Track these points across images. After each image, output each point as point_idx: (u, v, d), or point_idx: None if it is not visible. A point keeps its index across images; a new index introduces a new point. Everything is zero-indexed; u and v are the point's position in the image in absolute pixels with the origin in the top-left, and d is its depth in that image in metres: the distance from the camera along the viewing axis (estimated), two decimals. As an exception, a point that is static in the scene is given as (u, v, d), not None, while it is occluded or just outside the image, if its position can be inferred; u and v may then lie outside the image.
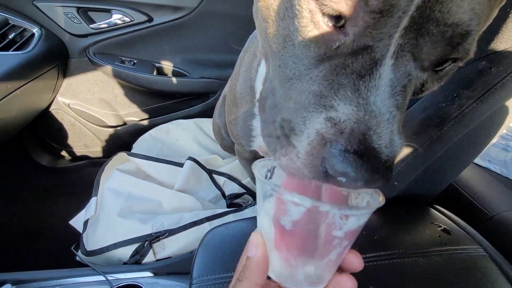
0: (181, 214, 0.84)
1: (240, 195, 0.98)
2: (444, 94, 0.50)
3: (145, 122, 1.27)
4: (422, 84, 0.27)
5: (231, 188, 1.00)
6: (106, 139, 1.31)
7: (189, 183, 0.94)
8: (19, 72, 0.88)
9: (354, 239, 0.27)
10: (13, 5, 0.99)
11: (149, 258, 0.75)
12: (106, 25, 1.06)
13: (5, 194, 1.09)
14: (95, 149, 1.34)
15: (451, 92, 0.49)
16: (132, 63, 1.14)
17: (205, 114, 1.22)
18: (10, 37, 0.94)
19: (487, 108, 0.48)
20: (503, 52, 0.45)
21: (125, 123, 1.29)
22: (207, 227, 0.80)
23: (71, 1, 1.01)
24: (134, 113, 1.26)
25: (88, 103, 1.21)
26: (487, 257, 0.52)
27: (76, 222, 0.95)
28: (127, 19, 1.05)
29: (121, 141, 1.30)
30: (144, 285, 0.66)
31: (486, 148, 0.58)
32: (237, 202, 0.97)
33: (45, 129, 1.25)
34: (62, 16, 1.03)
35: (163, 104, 1.25)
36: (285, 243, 0.26)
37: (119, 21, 1.05)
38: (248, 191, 0.99)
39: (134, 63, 1.14)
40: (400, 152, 0.24)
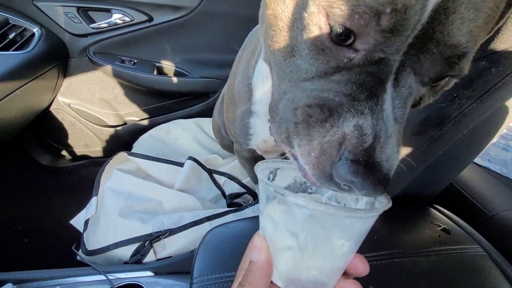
0: (182, 214, 0.84)
1: (240, 195, 0.98)
2: (444, 94, 0.50)
3: (145, 122, 1.27)
4: (420, 98, 0.28)
5: (231, 187, 1.01)
6: (106, 138, 1.31)
7: (189, 183, 0.94)
8: (19, 72, 0.88)
9: (359, 243, 0.26)
10: (13, 5, 0.99)
11: (150, 257, 0.75)
12: (106, 24, 1.06)
13: (6, 194, 1.09)
14: (96, 149, 1.34)
15: (451, 92, 0.49)
16: (132, 62, 1.14)
17: (205, 113, 1.22)
18: (10, 37, 0.94)
19: (487, 108, 0.48)
20: (503, 52, 0.45)
21: (125, 123, 1.29)
22: (207, 226, 0.80)
23: (71, 0, 1.01)
24: (134, 113, 1.26)
25: (88, 103, 1.21)
26: (487, 257, 0.53)
27: (77, 222, 0.96)
28: (127, 19, 1.05)
29: (121, 140, 1.30)
30: (144, 284, 0.66)
31: (486, 148, 0.58)
32: (237, 201, 0.97)
33: (46, 129, 1.25)
34: (62, 16, 1.03)
35: (163, 104, 1.25)
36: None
37: (119, 21, 1.05)
38: (249, 190, 0.99)
39: (134, 62, 1.14)
40: (396, 165, 0.25)
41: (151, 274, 0.70)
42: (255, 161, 0.81)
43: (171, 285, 0.67)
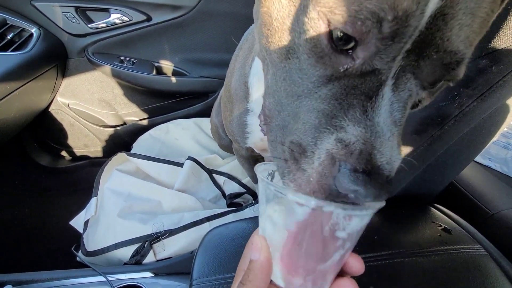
0: (181, 214, 0.84)
1: (240, 195, 0.98)
2: (444, 93, 0.50)
3: (144, 122, 1.27)
4: (419, 101, 0.29)
5: (231, 187, 1.00)
6: (105, 139, 1.31)
7: (189, 183, 0.94)
8: (18, 72, 0.88)
9: (356, 241, 0.27)
10: (11, 5, 0.99)
11: (150, 258, 0.75)
12: (105, 24, 1.05)
13: (5, 195, 1.09)
14: (95, 149, 1.34)
15: (451, 90, 0.49)
16: (131, 62, 1.13)
17: (204, 113, 1.22)
18: (8, 37, 0.93)
19: (487, 106, 0.48)
20: (503, 50, 0.44)
21: (124, 123, 1.29)
22: (207, 227, 0.80)
23: (70, 0, 1.01)
24: (133, 113, 1.26)
25: (87, 103, 1.21)
26: (488, 256, 0.52)
27: (77, 223, 0.95)
28: (125, 19, 1.04)
29: (120, 141, 1.30)
30: (144, 285, 0.66)
31: (487, 146, 0.58)
32: (237, 201, 0.97)
33: (45, 129, 1.25)
34: (61, 16, 1.02)
35: (162, 104, 1.25)
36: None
37: (117, 21, 1.05)
38: (248, 190, 0.99)
39: (133, 62, 1.13)
40: (397, 166, 0.25)
41: (151, 275, 0.70)
42: (254, 160, 0.81)
43: (171, 286, 0.67)
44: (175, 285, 0.67)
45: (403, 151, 0.51)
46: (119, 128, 1.29)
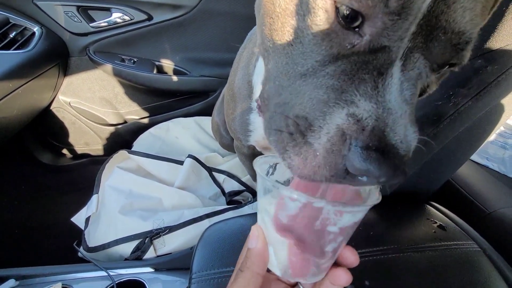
0: (181, 211, 0.85)
1: (239, 192, 0.98)
2: (440, 92, 0.50)
3: (145, 120, 1.28)
4: (427, 85, 0.28)
5: (230, 185, 1.01)
6: (106, 137, 1.32)
7: (189, 181, 0.95)
8: (20, 71, 0.89)
9: (349, 235, 0.27)
10: (14, 4, 1.00)
11: (150, 254, 0.76)
12: (106, 23, 1.06)
13: (7, 192, 1.10)
14: (96, 147, 1.35)
15: (447, 90, 0.49)
16: (132, 61, 1.14)
17: (205, 112, 1.23)
18: (11, 36, 0.94)
19: (482, 106, 0.48)
20: (498, 50, 0.45)
21: (125, 121, 1.30)
22: (206, 223, 0.81)
23: (71, 0, 1.02)
24: (134, 112, 1.27)
25: (88, 102, 1.22)
26: (481, 252, 0.53)
27: (78, 219, 0.97)
28: (127, 18, 1.05)
29: (121, 139, 1.31)
30: (145, 280, 0.67)
31: (484, 146, 0.59)
32: (236, 199, 0.98)
33: (46, 127, 1.26)
34: (62, 15, 1.03)
35: (163, 103, 1.26)
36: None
37: (119, 20, 1.05)
38: (248, 188, 1.00)
39: (134, 61, 1.14)
40: (414, 145, 0.24)
41: (151, 270, 0.71)
42: (255, 158, 0.82)
43: (171, 281, 0.68)
44: (175, 280, 0.68)
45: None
46: (120, 127, 1.29)
